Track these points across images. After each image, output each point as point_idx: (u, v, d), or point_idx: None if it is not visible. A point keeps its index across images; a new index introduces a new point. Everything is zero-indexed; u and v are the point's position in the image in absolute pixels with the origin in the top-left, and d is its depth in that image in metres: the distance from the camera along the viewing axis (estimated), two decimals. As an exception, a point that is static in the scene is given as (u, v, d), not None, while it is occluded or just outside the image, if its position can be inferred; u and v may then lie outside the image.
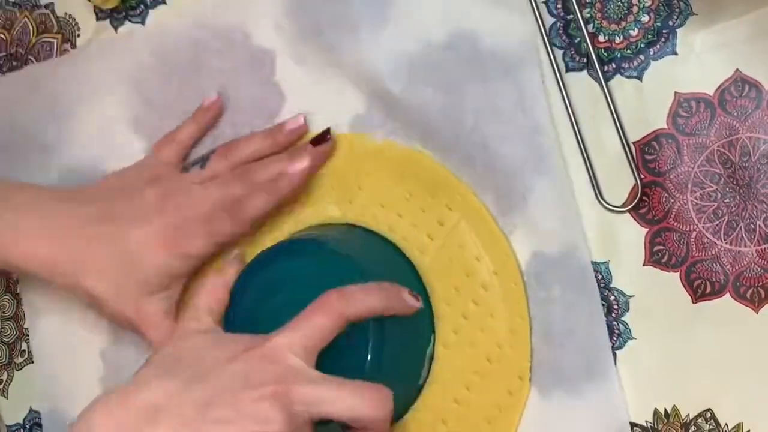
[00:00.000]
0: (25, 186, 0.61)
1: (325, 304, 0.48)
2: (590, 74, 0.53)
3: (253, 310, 0.54)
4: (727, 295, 0.50)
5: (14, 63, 0.67)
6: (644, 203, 0.52)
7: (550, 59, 0.54)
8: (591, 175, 0.53)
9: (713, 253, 0.51)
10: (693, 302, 0.51)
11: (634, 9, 0.52)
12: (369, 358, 0.50)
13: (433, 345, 0.55)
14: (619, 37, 0.53)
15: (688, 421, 0.51)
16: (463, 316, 0.55)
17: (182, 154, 0.61)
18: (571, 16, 0.54)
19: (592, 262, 0.53)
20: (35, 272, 0.57)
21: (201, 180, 0.58)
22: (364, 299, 0.48)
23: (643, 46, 0.52)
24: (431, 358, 0.55)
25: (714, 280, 0.51)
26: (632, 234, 0.52)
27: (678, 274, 0.51)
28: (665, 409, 0.52)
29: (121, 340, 0.64)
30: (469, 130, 0.55)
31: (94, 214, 0.57)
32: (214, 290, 0.55)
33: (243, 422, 0.43)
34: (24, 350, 0.67)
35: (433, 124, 0.56)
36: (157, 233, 0.56)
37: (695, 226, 0.51)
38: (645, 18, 0.52)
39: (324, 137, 0.57)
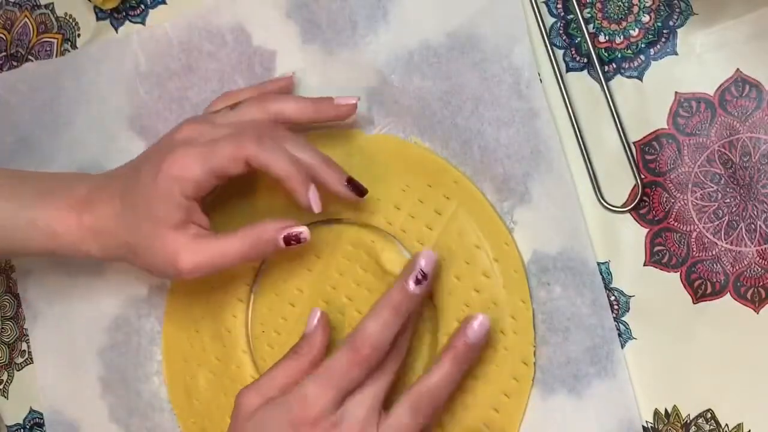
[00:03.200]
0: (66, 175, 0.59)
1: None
2: (591, 74, 0.53)
3: None
4: (728, 295, 0.50)
5: (14, 63, 0.67)
6: (644, 203, 0.52)
7: (551, 59, 0.54)
8: (591, 175, 0.53)
9: (714, 253, 0.51)
10: (693, 302, 0.51)
11: (635, 9, 0.52)
12: None
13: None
14: (620, 37, 0.53)
15: (688, 421, 0.51)
16: (466, 304, 0.55)
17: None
18: (572, 16, 0.54)
19: (592, 262, 0.53)
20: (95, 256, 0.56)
21: (227, 120, 0.55)
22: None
23: (643, 46, 0.52)
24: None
25: (714, 280, 0.51)
26: (632, 234, 0.52)
27: (678, 274, 0.52)
28: (666, 410, 0.52)
29: (121, 340, 0.64)
30: (467, 116, 0.55)
31: (124, 169, 0.56)
32: None
33: None
34: (24, 350, 0.67)
35: (433, 113, 0.56)
36: (157, 163, 0.53)
37: (696, 227, 0.51)
38: (645, 18, 0.52)
39: (360, 191, 0.55)
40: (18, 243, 0.56)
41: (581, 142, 0.53)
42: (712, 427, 0.51)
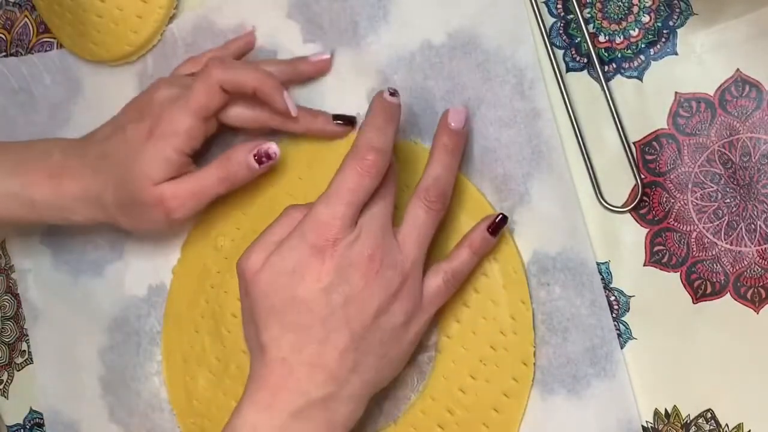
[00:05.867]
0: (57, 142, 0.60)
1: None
2: (591, 74, 0.53)
3: None
4: (728, 295, 0.50)
5: (14, 63, 0.67)
6: (645, 203, 0.52)
7: (551, 59, 0.54)
8: (591, 175, 0.53)
9: (714, 253, 0.51)
10: (693, 302, 0.51)
11: (635, 9, 0.52)
12: None
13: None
14: (620, 37, 0.53)
15: (688, 421, 0.51)
16: (465, 304, 0.55)
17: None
18: (572, 16, 0.54)
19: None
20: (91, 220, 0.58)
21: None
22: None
23: (643, 46, 0.52)
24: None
25: (714, 280, 0.51)
26: (633, 234, 0.52)
27: (678, 274, 0.51)
28: (666, 410, 0.52)
29: (121, 340, 0.64)
30: (469, 116, 0.55)
31: (104, 133, 0.58)
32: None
33: None
34: (24, 350, 0.67)
35: (434, 114, 0.56)
36: (144, 124, 0.56)
37: (696, 227, 0.51)
38: (645, 18, 0.52)
39: (350, 120, 0.58)
40: None
41: (581, 142, 0.53)
42: (712, 427, 0.51)
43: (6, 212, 0.58)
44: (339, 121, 0.57)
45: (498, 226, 0.53)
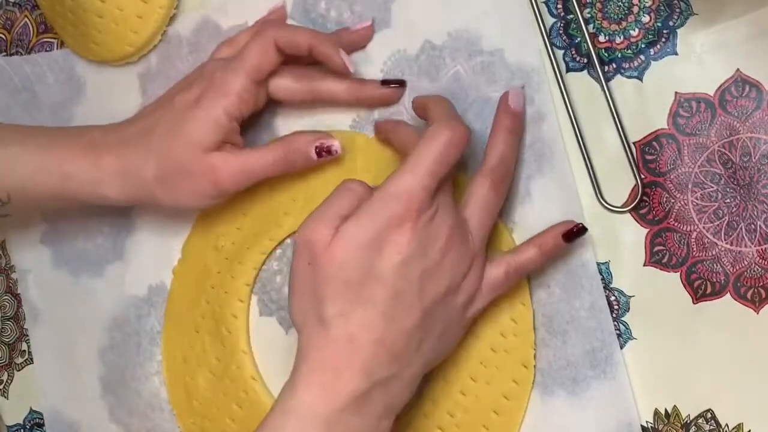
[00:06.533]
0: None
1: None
2: (591, 74, 0.53)
3: None
4: (728, 295, 0.50)
5: (15, 63, 0.67)
6: (645, 203, 0.52)
7: (551, 59, 0.54)
8: (591, 175, 0.53)
9: (714, 253, 0.51)
10: (693, 302, 0.51)
11: (635, 9, 0.52)
12: None
13: None
14: (620, 37, 0.53)
15: (688, 421, 0.51)
16: None
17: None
18: (572, 16, 0.54)
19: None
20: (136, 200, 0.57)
21: None
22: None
23: (643, 46, 0.52)
24: None
25: (714, 280, 0.51)
26: (633, 234, 0.52)
27: (678, 274, 0.51)
28: (666, 410, 0.52)
29: (121, 340, 0.64)
30: (472, 119, 0.55)
31: (147, 110, 0.58)
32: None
33: None
34: (24, 350, 0.67)
35: None
36: (193, 92, 0.55)
37: (696, 227, 0.51)
38: (645, 18, 0.52)
39: (400, 83, 0.57)
40: (30, 187, 0.57)
41: (581, 142, 0.53)
42: (712, 427, 0.51)
43: (40, 187, 0.57)
44: (392, 85, 0.56)
45: (575, 234, 0.51)
